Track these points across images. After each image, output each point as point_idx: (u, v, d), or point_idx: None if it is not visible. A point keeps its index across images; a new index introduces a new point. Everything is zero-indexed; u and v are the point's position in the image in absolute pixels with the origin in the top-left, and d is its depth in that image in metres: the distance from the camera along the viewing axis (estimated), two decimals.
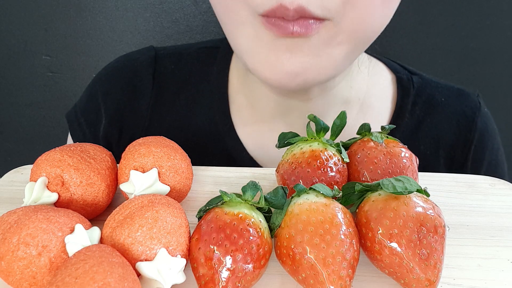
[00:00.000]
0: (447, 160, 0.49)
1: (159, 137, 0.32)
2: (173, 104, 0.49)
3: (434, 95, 0.49)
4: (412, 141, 0.48)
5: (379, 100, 0.49)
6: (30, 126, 0.82)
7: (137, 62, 0.51)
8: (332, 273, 0.23)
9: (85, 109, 0.51)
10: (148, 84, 0.49)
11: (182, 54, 0.51)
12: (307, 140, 0.31)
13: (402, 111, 0.48)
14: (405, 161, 0.31)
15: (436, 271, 0.24)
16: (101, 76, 0.52)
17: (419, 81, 0.49)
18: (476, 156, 0.49)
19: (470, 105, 0.50)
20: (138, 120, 0.49)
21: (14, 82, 0.78)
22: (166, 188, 0.29)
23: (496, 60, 0.73)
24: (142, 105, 0.49)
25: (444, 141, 0.49)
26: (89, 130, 0.50)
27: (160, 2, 0.70)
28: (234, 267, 0.23)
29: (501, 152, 0.51)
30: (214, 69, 0.49)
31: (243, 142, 0.47)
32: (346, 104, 0.46)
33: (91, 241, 0.24)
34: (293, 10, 0.31)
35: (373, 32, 0.36)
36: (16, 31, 0.74)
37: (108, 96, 0.50)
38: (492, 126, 0.51)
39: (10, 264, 0.23)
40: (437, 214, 0.25)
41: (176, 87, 0.49)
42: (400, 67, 0.51)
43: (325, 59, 0.35)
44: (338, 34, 0.33)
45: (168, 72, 0.50)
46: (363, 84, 0.47)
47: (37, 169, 0.29)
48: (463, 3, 0.69)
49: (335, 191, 0.27)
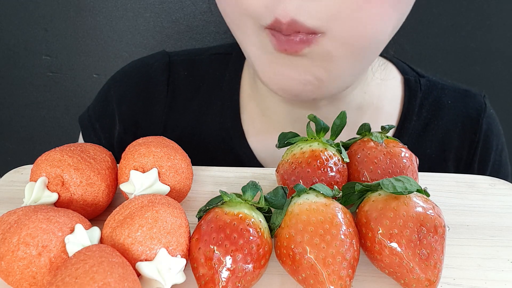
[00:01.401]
0: (453, 162, 0.49)
1: (159, 137, 0.32)
2: (186, 110, 0.49)
3: (441, 97, 0.49)
4: (419, 143, 0.48)
5: (389, 102, 0.49)
6: (30, 126, 0.82)
7: (151, 68, 0.51)
8: (332, 273, 0.23)
9: (100, 114, 0.51)
10: (163, 90, 0.49)
11: (195, 61, 0.51)
12: (307, 140, 0.31)
13: (409, 114, 0.48)
14: (405, 161, 0.31)
15: (436, 271, 0.24)
16: (115, 81, 0.52)
17: (426, 83, 0.49)
18: (482, 157, 0.49)
19: (476, 107, 0.50)
20: (153, 126, 0.49)
21: (14, 82, 0.78)
22: (166, 188, 0.29)
23: (496, 60, 0.73)
24: (157, 111, 0.49)
25: (450, 143, 0.49)
26: (104, 135, 0.50)
27: (160, 2, 0.70)
28: (234, 267, 0.23)
29: (505, 153, 0.51)
30: (226, 76, 0.49)
31: (253, 150, 0.47)
32: (359, 109, 0.46)
33: (91, 241, 0.24)
34: (287, 23, 0.31)
35: (373, 39, 0.34)
36: (16, 31, 0.74)
37: (122, 102, 0.50)
38: (497, 127, 0.51)
39: (10, 264, 0.23)
40: (437, 214, 0.25)
41: (189, 93, 0.50)
42: (409, 69, 0.51)
43: (329, 74, 0.35)
44: (335, 48, 0.33)
45: (181, 78, 0.50)
46: (376, 89, 0.47)
47: (37, 169, 0.29)
48: (463, 3, 0.69)
49: (335, 191, 0.27)
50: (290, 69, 0.34)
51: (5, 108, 0.80)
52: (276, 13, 0.31)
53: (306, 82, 0.35)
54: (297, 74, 0.34)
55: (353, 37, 0.33)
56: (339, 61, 0.34)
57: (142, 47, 0.74)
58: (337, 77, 0.35)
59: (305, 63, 0.34)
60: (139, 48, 0.74)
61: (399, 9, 0.34)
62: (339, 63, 0.34)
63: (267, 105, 0.46)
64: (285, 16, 0.31)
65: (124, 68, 0.53)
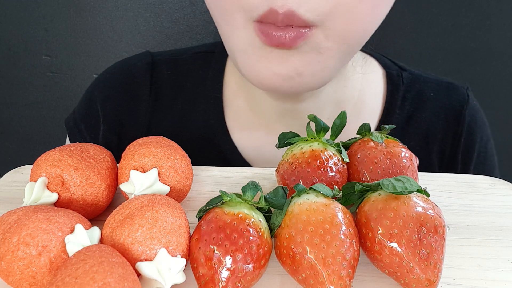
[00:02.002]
0: (437, 154, 0.49)
1: (159, 137, 0.32)
2: (170, 110, 0.49)
3: (424, 90, 0.50)
4: (403, 137, 0.48)
5: (371, 96, 0.49)
6: (30, 126, 0.82)
7: (134, 68, 0.51)
8: (332, 273, 0.23)
9: (85, 115, 0.51)
10: (146, 90, 0.50)
11: (178, 60, 0.51)
12: (307, 140, 0.31)
13: (392, 107, 0.48)
14: (405, 161, 0.31)
15: (436, 271, 0.24)
16: (99, 82, 0.52)
17: (408, 76, 0.50)
18: (466, 149, 0.49)
19: (459, 98, 0.50)
20: (136, 126, 0.49)
21: (14, 82, 0.78)
22: (166, 188, 0.29)
23: (496, 60, 0.73)
24: (141, 111, 0.49)
25: (434, 135, 0.49)
26: (90, 136, 0.50)
27: (160, 2, 0.70)
28: (234, 267, 0.23)
29: (490, 145, 0.51)
30: (210, 74, 0.49)
31: (238, 146, 0.47)
32: (340, 103, 0.46)
33: (91, 241, 0.24)
34: (283, 14, 0.31)
35: (364, 34, 0.36)
36: (16, 31, 0.74)
37: (106, 102, 0.50)
38: (481, 118, 0.51)
39: (10, 264, 0.23)
40: (437, 214, 0.25)
41: (173, 93, 0.50)
42: (391, 63, 0.51)
43: (317, 66, 0.35)
44: (328, 41, 0.33)
45: (165, 78, 0.50)
46: (357, 83, 0.47)
47: (37, 169, 0.29)
48: (463, 3, 0.69)
49: (335, 191, 0.27)
50: (278, 64, 0.34)
51: (5, 108, 0.80)
52: (273, 3, 0.31)
53: (287, 78, 0.35)
54: (282, 69, 0.34)
55: (348, 31, 0.33)
56: (329, 54, 0.34)
57: (142, 47, 0.74)
58: (321, 70, 0.35)
59: (295, 57, 0.34)
60: (139, 48, 0.74)
61: (389, 4, 0.35)
62: (328, 56, 0.34)
63: (257, 100, 0.46)
64: (282, 7, 0.31)
65: (107, 69, 0.53)
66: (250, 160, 0.47)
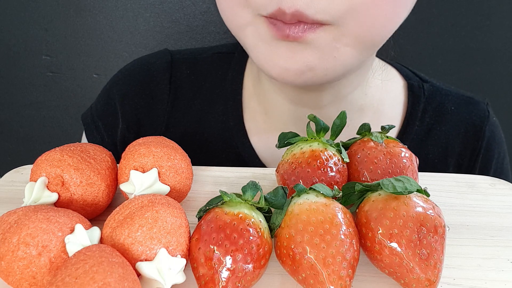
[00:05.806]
0: (455, 168, 0.49)
1: (159, 137, 0.32)
2: (188, 110, 0.49)
3: (444, 103, 0.49)
4: (421, 149, 0.48)
5: (391, 106, 0.49)
6: (30, 126, 0.82)
7: (153, 67, 0.51)
8: (332, 273, 0.23)
9: (102, 113, 0.51)
10: (165, 89, 0.49)
11: (197, 60, 0.51)
12: (307, 140, 0.31)
13: (412, 118, 0.48)
14: (405, 161, 0.31)
15: (436, 271, 0.24)
16: (117, 80, 0.52)
17: (430, 88, 0.50)
18: (483, 165, 0.49)
19: (479, 114, 0.50)
20: (155, 125, 0.49)
21: (14, 82, 0.78)
22: (166, 188, 0.29)
23: (496, 60, 0.73)
24: (159, 110, 0.49)
25: (453, 149, 0.49)
26: (107, 134, 0.50)
27: (160, 2, 0.70)
28: (234, 267, 0.23)
29: (506, 161, 0.52)
30: (229, 75, 0.49)
31: (256, 149, 0.47)
32: (360, 111, 0.46)
33: (91, 241, 0.24)
34: (291, 14, 0.31)
35: (379, 37, 0.35)
36: (16, 31, 0.74)
37: (125, 100, 0.50)
38: (499, 135, 0.51)
39: (10, 264, 0.23)
40: (437, 214, 0.25)
41: (192, 93, 0.50)
42: (412, 74, 0.51)
43: (331, 60, 0.34)
44: (343, 37, 0.33)
45: (184, 77, 0.50)
46: (376, 91, 0.47)
47: (37, 169, 0.29)
48: (463, 3, 0.69)
49: (335, 191, 0.27)
50: (288, 58, 0.34)
51: (5, 108, 0.80)
52: (281, 3, 0.31)
53: (299, 73, 0.34)
54: (293, 64, 0.34)
55: (362, 33, 0.33)
56: (345, 49, 0.34)
57: (142, 47, 0.74)
58: (335, 66, 0.35)
59: (307, 52, 0.33)
60: (139, 48, 0.74)
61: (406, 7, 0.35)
62: (345, 50, 0.34)
63: (270, 103, 0.46)
64: (290, 8, 0.31)
65: (126, 66, 0.52)
66: (268, 163, 0.47)
